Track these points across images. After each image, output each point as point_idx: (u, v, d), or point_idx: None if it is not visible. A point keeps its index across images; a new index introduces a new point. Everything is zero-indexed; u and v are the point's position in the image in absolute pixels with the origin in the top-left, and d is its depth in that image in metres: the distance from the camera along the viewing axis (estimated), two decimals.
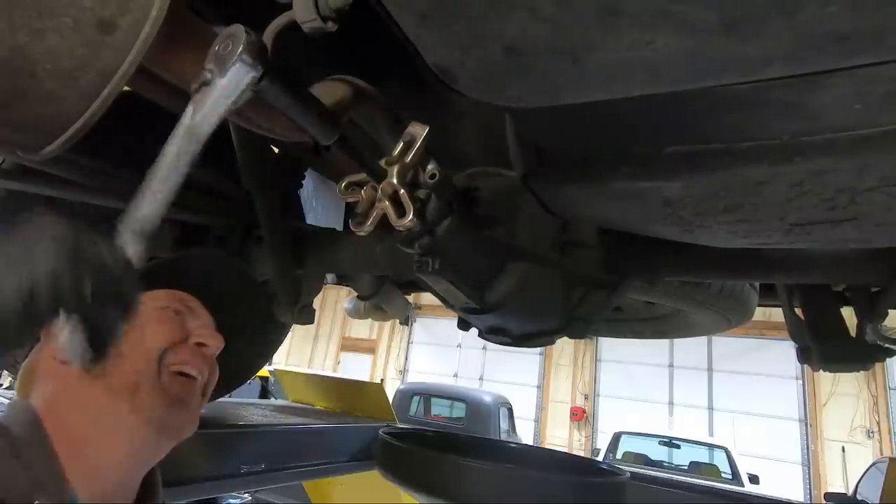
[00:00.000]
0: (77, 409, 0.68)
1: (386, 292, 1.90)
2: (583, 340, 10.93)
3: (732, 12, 0.46)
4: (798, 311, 1.62)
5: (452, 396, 8.57)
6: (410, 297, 2.21)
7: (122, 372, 0.70)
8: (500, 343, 1.40)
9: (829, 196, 0.74)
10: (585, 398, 12.09)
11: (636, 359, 11.80)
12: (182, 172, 0.51)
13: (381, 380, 13.45)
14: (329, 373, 11.82)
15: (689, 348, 11.30)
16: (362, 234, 0.73)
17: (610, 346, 12.07)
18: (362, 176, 0.75)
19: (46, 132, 0.59)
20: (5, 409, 0.70)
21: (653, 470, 6.78)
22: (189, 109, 0.52)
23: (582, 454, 10.44)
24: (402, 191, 0.70)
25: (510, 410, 8.63)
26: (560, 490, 1.46)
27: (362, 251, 1.42)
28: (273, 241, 1.46)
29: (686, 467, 7.91)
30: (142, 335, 0.73)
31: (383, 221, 0.72)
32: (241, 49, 0.50)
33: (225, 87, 0.51)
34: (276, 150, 1.54)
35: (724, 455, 7.97)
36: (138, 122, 1.12)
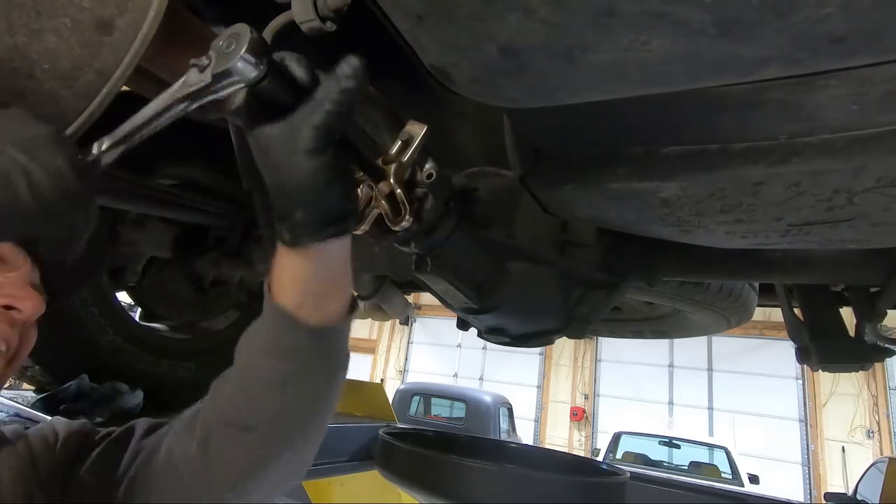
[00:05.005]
0: None
1: (386, 292, 1.90)
2: (583, 340, 10.93)
3: (727, 14, 0.46)
4: (797, 311, 1.62)
5: (452, 396, 8.55)
6: (410, 297, 2.21)
7: None
8: (500, 343, 1.40)
9: (826, 197, 0.74)
10: (585, 398, 12.07)
11: (636, 359, 11.78)
12: (159, 121, 0.53)
13: (381, 380, 13.43)
14: None
15: (689, 348, 11.27)
16: (358, 233, 0.73)
17: (610, 346, 12.04)
18: (360, 174, 0.75)
19: None
20: None
21: (653, 470, 6.78)
22: (180, 81, 0.52)
23: (582, 454, 10.43)
24: (399, 191, 0.70)
25: (510, 410, 8.61)
26: (560, 490, 1.46)
27: (361, 251, 1.42)
28: (273, 241, 1.46)
29: (686, 467, 7.89)
30: None
31: (380, 221, 0.72)
32: (244, 48, 0.50)
33: (224, 83, 0.51)
34: None
35: (724, 455, 7.95)
36: None
